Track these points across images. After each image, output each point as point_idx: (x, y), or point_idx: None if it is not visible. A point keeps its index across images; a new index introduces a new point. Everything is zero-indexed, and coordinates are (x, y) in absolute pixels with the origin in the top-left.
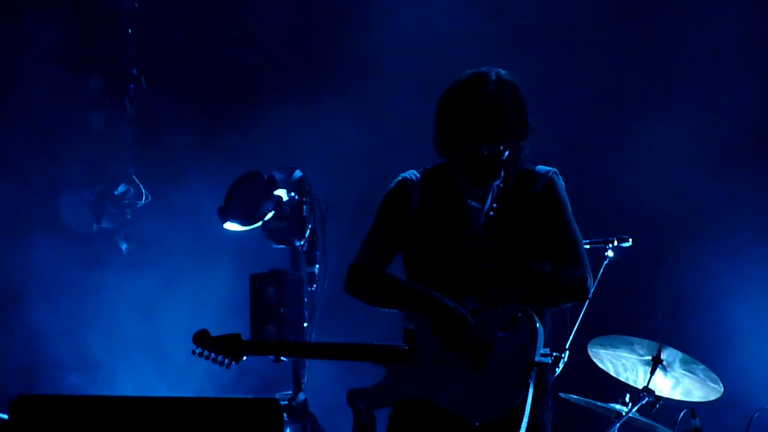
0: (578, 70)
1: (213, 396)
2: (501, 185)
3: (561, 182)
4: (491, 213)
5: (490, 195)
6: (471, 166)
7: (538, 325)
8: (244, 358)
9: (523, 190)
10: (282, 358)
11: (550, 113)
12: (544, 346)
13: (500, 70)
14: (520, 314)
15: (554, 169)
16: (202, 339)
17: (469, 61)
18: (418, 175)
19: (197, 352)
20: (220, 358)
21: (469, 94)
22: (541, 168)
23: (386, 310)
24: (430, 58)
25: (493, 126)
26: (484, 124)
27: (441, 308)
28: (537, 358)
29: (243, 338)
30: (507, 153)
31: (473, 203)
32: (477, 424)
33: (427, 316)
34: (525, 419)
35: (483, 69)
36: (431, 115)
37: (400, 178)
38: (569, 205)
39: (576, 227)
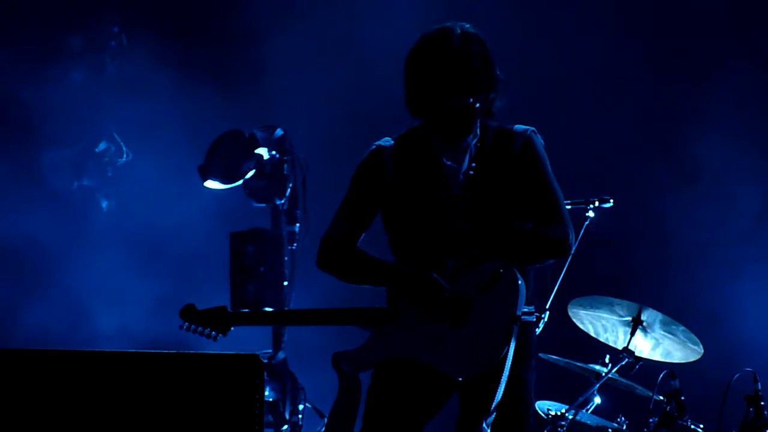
0: (558, 35)
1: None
2: (479, 144)
3: (540, 140)
4: (470, 172)
5: (468, 154)
6: (443, 121)
7: (520, 281)
8: (231, 329)
9: (501, 148)
10: None
11: (531, 72)
12: (528, 305)
13: (465, 24)
14: (501, 270)
15: (532, 128)
16: (188, 313)
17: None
18: (392, 142)
19: (184, 326)
20: (207, 330)
21: (434, 48)
22: (519, 127)
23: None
24: (415, 12)
25: (460, 78)
26: (451, 76)
27: (401, 277)
28: (519, 314)
29: (228, 310)
30: (478, 105)
31: (450, 163)
32: (459, 379)
33: (393, 289)
34: (505, 375)
35: (448, 23)
36: None
37: (374, 146)
38: (548, 162)
39: (556, 184)
